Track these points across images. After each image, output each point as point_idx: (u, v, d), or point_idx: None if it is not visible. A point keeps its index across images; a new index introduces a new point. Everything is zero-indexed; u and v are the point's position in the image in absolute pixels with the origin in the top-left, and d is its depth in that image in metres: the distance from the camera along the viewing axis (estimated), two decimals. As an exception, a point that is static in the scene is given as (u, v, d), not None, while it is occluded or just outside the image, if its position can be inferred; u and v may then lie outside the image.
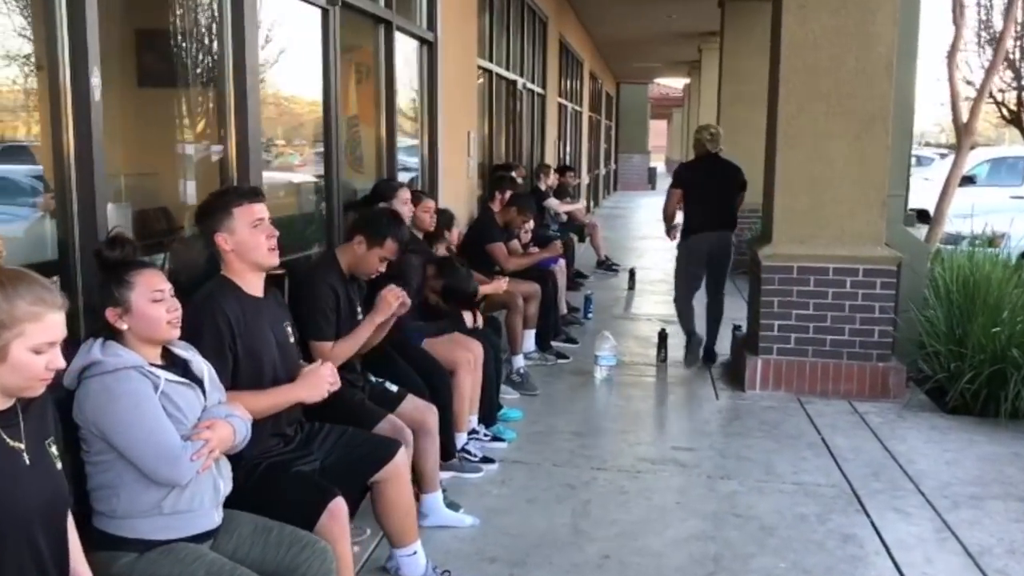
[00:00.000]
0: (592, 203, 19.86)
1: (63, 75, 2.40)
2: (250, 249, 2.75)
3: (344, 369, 3.38)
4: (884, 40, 5.63)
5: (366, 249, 3.45)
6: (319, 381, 2.78)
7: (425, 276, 4.45)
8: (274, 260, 2.82)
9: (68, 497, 2.00)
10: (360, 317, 3.47)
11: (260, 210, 2.78)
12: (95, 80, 2.42)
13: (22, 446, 1.83)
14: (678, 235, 6.66)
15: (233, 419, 2.38)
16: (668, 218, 6.77)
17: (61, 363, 1.85)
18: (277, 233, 2.82)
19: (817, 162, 5.75)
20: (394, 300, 3.31)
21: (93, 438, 2.23)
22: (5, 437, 1.80)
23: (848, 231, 5.74)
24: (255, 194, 2.83)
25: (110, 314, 2.28)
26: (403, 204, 4.47)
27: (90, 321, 2.42)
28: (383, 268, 3.51)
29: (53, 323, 1.82)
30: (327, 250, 3.49)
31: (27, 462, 1.83)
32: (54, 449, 1.93)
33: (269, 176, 4.81)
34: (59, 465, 1.94)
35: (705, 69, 16.77)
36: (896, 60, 5.70)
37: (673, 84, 31.13)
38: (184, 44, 4.19)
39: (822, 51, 5.68)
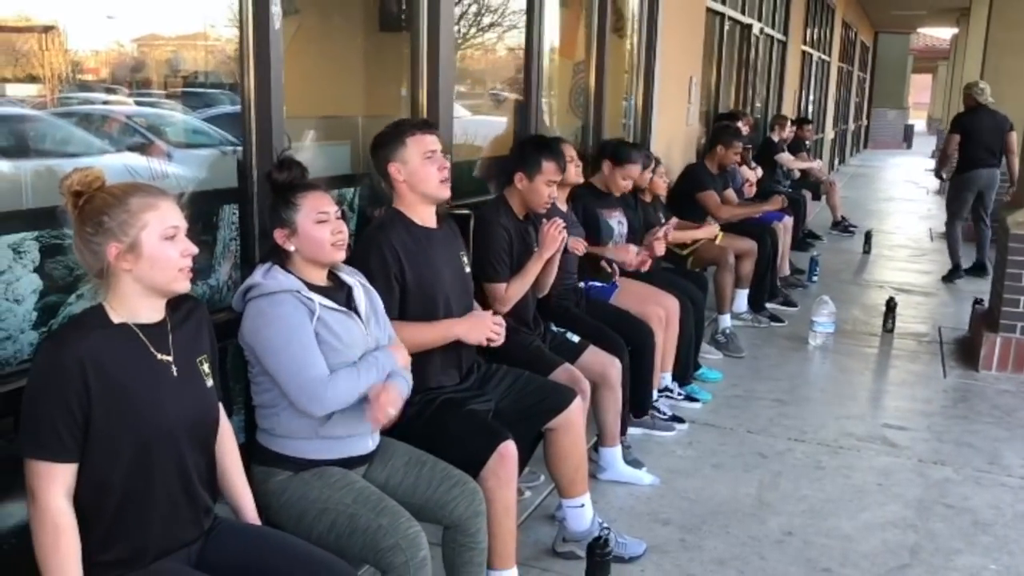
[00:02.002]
0: (836, 160, 18.71)
1: (245, 4, 2.45)
2: (421, 180, 2.73)
3: (519, 320, 3.34)
4: None
5: (528, 182, 3.37)
6: (480, 325, 2.77)
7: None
8: (445, 192, 2.78)
9: (217, 414, 2.06)
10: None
11: (432, 141, 2.74)
12: (275, 8, 2.45)
13: (170, 359, 1.90)
14: (944, 176, 8.64)
15: (398, 379, 2.39)
16: (943, 159, 8.35)
17: (194, 248, 1.90)
18: (448, 166, 2.78)
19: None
20: (556, 232, 3.21)
21: (253, 359, 2.30)
22: (152, 350, 1.87)
23: (1121, 198, 5.01)
24: (427, 125, 2.80)
25: (278, 235, 2.32)
26: (568, 162, 4.12)
27: (265, 246, 2.49)
28: (555, 191, 3.44)
29: (169, 208, 1.87)
30: (497, 196, 3.44)
31: (174, 374, 1.90)
32: (206, 367, 1.99)
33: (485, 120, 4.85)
34: (209, 383, 2.00)
35: (974, 17, 15.18)
36: None
37: (939, 34, 28.53)
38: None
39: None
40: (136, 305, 1.87)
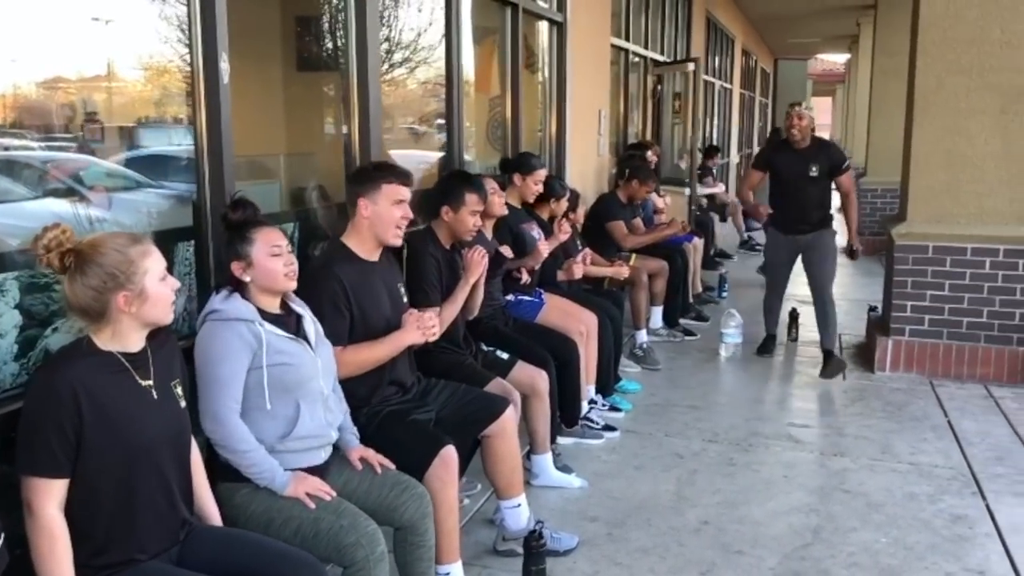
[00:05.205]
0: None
1: (196, 59, 2.71)
2: (383, 223, 3.01)
3: (451, 341, 3.62)
4: (1033, 9, 5.37)
5: (454, 214, 3.66)
6: (417, 324, 3.03)
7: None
8: (397, 241, 3.08)
9: (190, 432, 2.30)
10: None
11: (405, 193, 3.04)
12: (224, 65, 2.72)
13: (151, 383, 2.14)
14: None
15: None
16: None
17: (177, 282, 2.18)
18: (411, 217, 3.08)
19: (956, 138, 5.57)
20: (479, 258, 3.52)
21: None
22: (136, 376, 2.11)
23: (988, 210, 5.55)
24: (406, 177, 3.09)
25: (235, 267, 2.56)
26: (491, 193, 4.28)
27: (219, 275, 2.72)
28: (479, 221, 3.74)
29: (157, 253, 2.14)
30: (425, 227, 3.73)
31: (154, 397, 2.14)
32: (179, 390, 2.23)
33: (406, 153, 5.10)
34: (183, 404, 2.24)
35: (863, 44, 16.15)
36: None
37: (836, 59, 29.94)
38: (335, 29, 4.49)
39: (964, 22, 5.49)
40: (127, 338, 2.11)
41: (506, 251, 4.16)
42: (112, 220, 2.86)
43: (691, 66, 9.25)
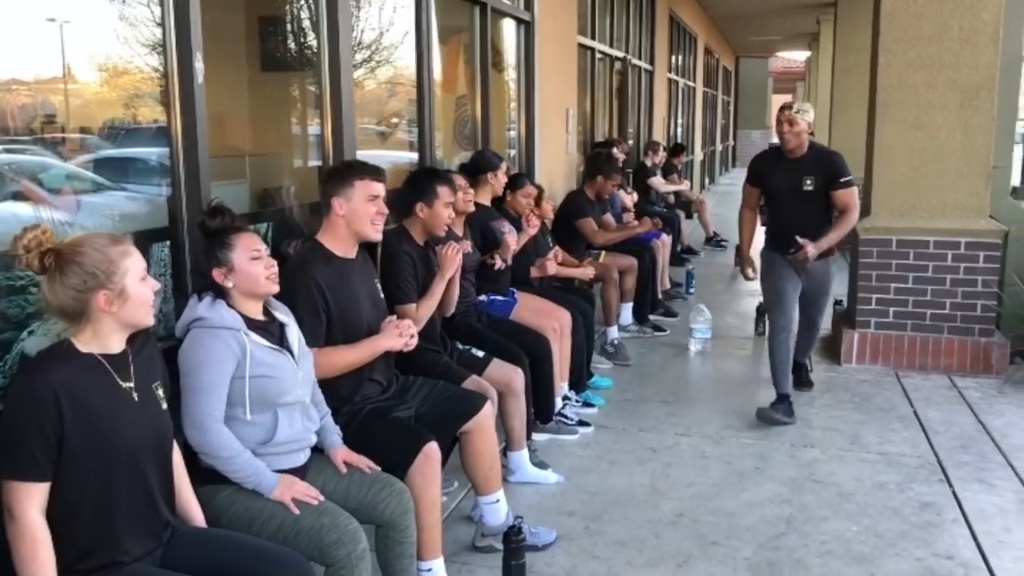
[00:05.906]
0: (707, 180, 19.66)
1: (170, 60, 2.70)
2: (360, 220, 3.01)
3: (427, 339, 3.63)
4: (990, 7, 5.49)
5: (429, 209, 3.68)
6: (397, 329, 3.04)
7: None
8: (377, 235, 3.08)
9: (172, 434, 2.29)
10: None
11: (379, 188, 3.04)
12: (198, 65, 2.71)
13: (132, 385, 2.13)
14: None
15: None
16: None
17: (157, 284, 2.17)
18: (387, 212, 3.07)
19: (918, 133, 5.68)
20: (454, 254, 3.54)
21: None
22: (117, 379, 2.10)
23: (950, 203, 5.67)
24: (378, 173, 3.08)
25: (217, 274, 2.55)
26: (458, 189, 4.56)
27: (197, 280, 2.70)
28: (453, 213, 3.77)
29: (137, 254, 2.13)
30: (398, 226, 3.73)
31: (136, 400, 2.13)
32: (160, 392, 2.22)
33: (370, 154, 5.10)
34: (164, 406, 2.23)
35: (823, 42, 16.39)
36: (1003, 27, 5.55)
37: (795, 57, 30.32)
38: (301, 29, 4.48)
39: (924, 19, 5.60)
40: (108, 340, 2.10)
41: (465, 246, 4.20)
42: (78, 224, 2.80)
43: (618, 64, 9.35)
